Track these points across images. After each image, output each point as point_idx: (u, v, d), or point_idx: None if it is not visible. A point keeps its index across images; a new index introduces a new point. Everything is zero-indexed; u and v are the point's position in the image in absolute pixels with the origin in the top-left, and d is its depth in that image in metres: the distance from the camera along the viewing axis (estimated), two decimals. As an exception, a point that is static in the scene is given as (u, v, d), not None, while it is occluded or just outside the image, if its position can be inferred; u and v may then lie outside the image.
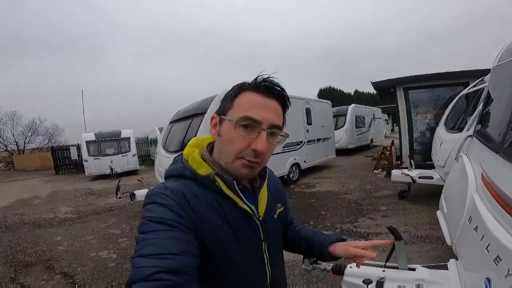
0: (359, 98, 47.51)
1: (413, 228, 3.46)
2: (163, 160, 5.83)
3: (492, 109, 2.20)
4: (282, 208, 0.84)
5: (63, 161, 16.23)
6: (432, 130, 6.76)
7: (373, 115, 16.93)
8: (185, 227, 0.58)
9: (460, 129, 4.18)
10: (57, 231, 4.87)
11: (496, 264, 1.20)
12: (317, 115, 8.29)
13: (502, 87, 2.07)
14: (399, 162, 7.11)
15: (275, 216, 0.80)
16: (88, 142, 12.27)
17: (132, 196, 5.04)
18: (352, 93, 56.35)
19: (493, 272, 1.19)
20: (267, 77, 0.66)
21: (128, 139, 13.08)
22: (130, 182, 9.53)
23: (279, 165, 6.39)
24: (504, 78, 2.07)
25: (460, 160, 2.50)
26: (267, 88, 0.65)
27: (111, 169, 11.57)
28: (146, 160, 18.04)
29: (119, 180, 5.70)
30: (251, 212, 0.69)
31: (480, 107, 3.62)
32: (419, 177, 4.59)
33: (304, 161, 7.80)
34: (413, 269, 1.52)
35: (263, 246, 0.73)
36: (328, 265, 1.48)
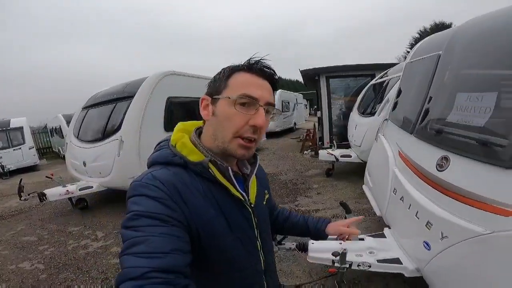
0: (282, 84, 50.69)
1: (342, 202, 3.91)
2: (77, 151, 4.95)
3: (406, 97, 2.64)
4: (268, 195, 0.87)
5: None
6: (345, 115, 7.79)
7: (296, 100, 18.32)
8: (177, 222, 0.55)
9: (372, 114, 4.94)
10: None
11: (429, 229, 1.48)
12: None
13: (413, 79, 2.50)
14: (321, 143, 7.96)
15: (264, 203, 0.82)
16: (-38, 136, 9.41)
17: (42, 196, 4.14)
18: (275, 79, 59.22)
19: (428, 236, 1.47)
20: (260, 60, 0.67)
21: (20, 129, 10.53)
22: (32, 180, 7.87)
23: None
24: (414, 72, 2.50)
25: (379, 140, 2.95)
26: (260, 69, 0.66)
27: (2, 166, 9.50)
28: (47, 152, 15.08)
29: (21, 179, 4.59)
30: (243, 199, 0.68)
31: (390, 95, 4.33)
32: (341, 156, 5.26)
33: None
34: (362, 239, 1.76)
35: (256, 234, 0.73)
36: (292, 244, 1.58)
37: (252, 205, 0.72)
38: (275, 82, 0.70)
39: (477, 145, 1.44)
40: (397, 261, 1.60)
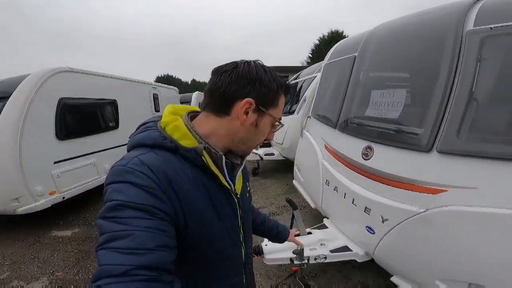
0: (195, 86, 49.93)
1: (274, 200, 4.01)
2: None
3: (326, 95, 2.85)
4: (249, 187, 0.86)
5: None
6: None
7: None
8: (164, 214, 0.51)
9: (291, 113, 5.28)
10: None
11: (369, 214, 1.59)
12: (165, 101, 7.78)
13: (332, 79, 2.72)
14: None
15: (247, 195, 0.82)
16: None
17: None
18: (189, 82, 58.04)
19: (369, 221, 1.57)
20: (288, 82, 0.68)
21: None
22: None
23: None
24: (333, 72, 2.73)
25: (304, 136, 3.12)
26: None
27: None
28: None
29: None
30: (230, 189, 0.67)
31: (306, 94, 4.69)
32: (265, 155, 5.42)
33: (155, 151, 7.18)
34: (310, 233, 1.76)
35: (240, 224, 0.72)
36: None
37: (238, 196, 0.71)
38: None
39: (397, 134, 1.63)
40: (346, 248, 1.67)
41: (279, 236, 1.13)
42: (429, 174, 1.31)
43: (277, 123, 0.68)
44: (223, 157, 0.63)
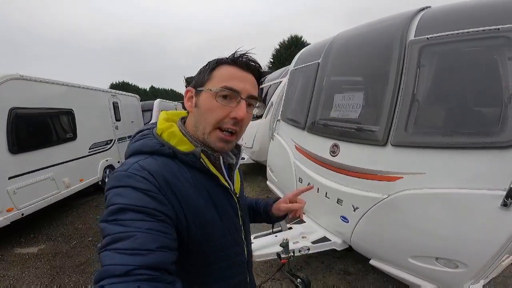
0: (155, 93, 48.10)
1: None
2: None
3: (294, 99, 3.05)
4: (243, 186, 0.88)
5: None
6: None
7: (175, 108, 17.81)
8: (165, 216, 0.53)
9: (258, 117, 5.45)
10: None
11: (341, 205, 1.77)
12: (126, 110, 7.40)
13: (299, 84, 2.93)
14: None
15: (244, 193, 0.85)
16: None
17: None
18: (148, 89, 55.67)
19: (342, 211, 1.75)
20: (245, 53, 0.67)
21: None
22: None
23: (89, 169, 5.12)
24: (299, 77, 2.94)
25: (275, 139, 3.29)
26: (245, 63, 0.66)
27: None
28: None
29: None
30: (230, 188, 0.70)
31: (273, 99, 4.89)
32: (235, 159, 5.49)
33: (118, 162, 6.78)
34: (291, 228, 1.89)
35: (240, 223, 0.75)
36: None
37: (237, 195, 0.74)
38: (260, 76, 0.70)
39: (358, 132, 1.85)
40: (326, 239, 1.83)
41: (261, 214, 0.93)
42: (387, 164, 1.53)
43: (224, 91, 0.61)
44: (221, 157, 0.67)
